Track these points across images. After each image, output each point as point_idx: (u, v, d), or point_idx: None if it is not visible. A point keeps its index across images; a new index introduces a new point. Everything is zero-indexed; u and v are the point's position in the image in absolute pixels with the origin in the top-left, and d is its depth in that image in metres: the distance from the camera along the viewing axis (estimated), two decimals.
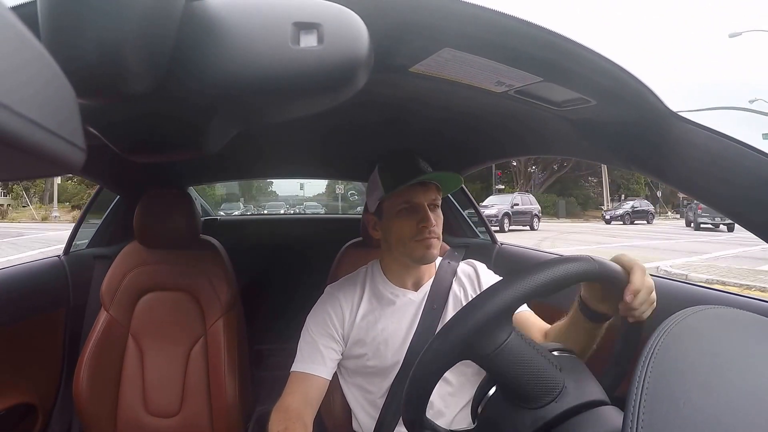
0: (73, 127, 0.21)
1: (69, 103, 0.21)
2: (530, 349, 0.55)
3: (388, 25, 0.55)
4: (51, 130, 0.18)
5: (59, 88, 0.20)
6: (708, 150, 0.68)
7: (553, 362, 0.55)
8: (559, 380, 0.53)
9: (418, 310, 1.06)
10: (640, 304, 0.66)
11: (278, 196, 29.58)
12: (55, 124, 0.19)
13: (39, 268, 1.53)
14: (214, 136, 0.38)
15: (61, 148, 0.20)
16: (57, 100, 0.20)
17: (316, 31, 0.31)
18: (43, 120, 0.18)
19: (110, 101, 0.32)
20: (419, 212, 1.01)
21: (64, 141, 0.20)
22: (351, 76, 0.32)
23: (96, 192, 1.83)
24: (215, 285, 1.38)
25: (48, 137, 0.18)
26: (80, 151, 0.22)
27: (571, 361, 0.58)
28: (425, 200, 1.01)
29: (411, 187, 1.00)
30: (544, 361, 0.54)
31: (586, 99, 0.73)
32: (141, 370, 1.34)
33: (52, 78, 0.20)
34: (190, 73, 0.32)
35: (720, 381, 0.37)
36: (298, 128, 1.25)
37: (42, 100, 0.18)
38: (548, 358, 0.55)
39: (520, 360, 0.53)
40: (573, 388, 0.53)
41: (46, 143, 0.18)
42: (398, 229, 1.02)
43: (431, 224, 0.99)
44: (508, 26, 0.56)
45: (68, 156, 0.20)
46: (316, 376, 1.01)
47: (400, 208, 1.02)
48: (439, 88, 0.77)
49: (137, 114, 0.35)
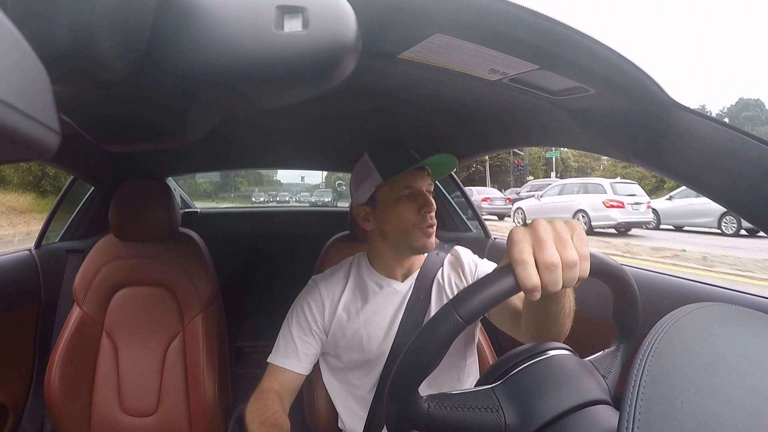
0: (46, 109, 0.19)
1: (42, 84, 0.19)
2: (454, 412, 0.52)
3: (377, 10, 0.53)
4: (23, 111, 0.17)
5: (32, 69, 0.19)
6: (711, 141, 0.67)
7: (485, 407, 0.52)
8: (498, 421, 0.51)
9: (403, 301, 1.04)
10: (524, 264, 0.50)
11: (282, 184, 32.88)
12: (28, 106, 0.17)
13: (8, 263, 1.48)
14: (194, 125, 0.36)
15: (34, 130, 0.18)
16: (29, 80, 0.18)
17: (301, 15, 0.29)
18: (14, 101, 0.17)
19: (84, 88, 0.31)
20: (420, 198, 0.98)
21: (38, 123, 0.18)
22: (337, 63, 0.30)
23: (69, 183, 1.77)
24: (194, 280, 1.35)
25: (20, 118, 0.17)
26: (55, 135, 0.20)
27: (512, 383, 0.54)
28: (424, 186, 0.99)
29: (410, 172, 0.98)
30: (474, 415, 0.52)
31: (585, 88, 0.71)
32: (116, 368, 1.30)
33: (23, 58, 0.18)
34: (168, 59, 0.30)
35: (719, 380, 0.36)
36: (282, 117, 1.22)
37: (13, 81, 0.17)
38: (479, 407, 0.52)
39: (450, 426, 0.52)
40: (516, 421, 0.51)
41: (18, 125, 0.17)
42: (399, 217, 0.98)
43: (433, 209, 0.98)
44: (504, 11, 0.54)
45: (42, 139, 0.19)
46: (289, 371, 1.00)
47: (401, 195, 0.98)
48: (430, 75, 0.75)
49: (113, 102, 0.33)
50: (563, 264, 0.51)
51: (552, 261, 0.50)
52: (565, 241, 0.52)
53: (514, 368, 0.54)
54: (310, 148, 1.78)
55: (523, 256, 0.50)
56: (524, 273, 0.50)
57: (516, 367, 0.54)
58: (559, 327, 0.72)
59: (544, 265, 0.50)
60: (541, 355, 0.55)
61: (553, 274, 0.50)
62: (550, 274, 0.50)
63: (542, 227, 0.52)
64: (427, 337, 0.50)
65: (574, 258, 0.51)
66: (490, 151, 1.50)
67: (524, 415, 0.50)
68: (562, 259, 0.51)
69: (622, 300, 0.61)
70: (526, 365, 0.54)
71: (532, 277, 0.49)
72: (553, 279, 0.50)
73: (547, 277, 0.50)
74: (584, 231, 0.55)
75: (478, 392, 0.54)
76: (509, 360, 0.56)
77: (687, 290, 1.00)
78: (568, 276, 0.51)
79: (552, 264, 0.50)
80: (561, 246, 0.51)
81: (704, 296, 0.94)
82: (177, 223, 1.39)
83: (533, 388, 0.52)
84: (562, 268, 0.51)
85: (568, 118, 0.86)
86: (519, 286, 0.50)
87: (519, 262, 0.50)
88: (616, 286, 0.59)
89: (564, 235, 0.52)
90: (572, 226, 0.54)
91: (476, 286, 0.50)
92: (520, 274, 0.50)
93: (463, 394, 0.54)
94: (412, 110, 1.13)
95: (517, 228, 0.54)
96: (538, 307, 0.69)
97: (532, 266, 0.50)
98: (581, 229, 0.55)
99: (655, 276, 1.11)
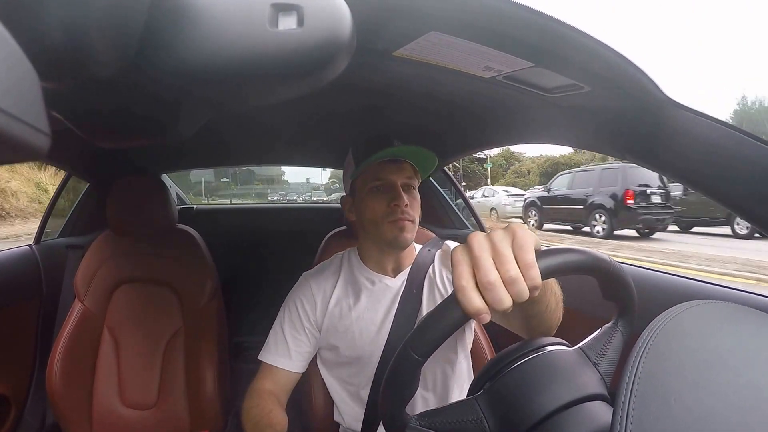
0: (35, 111, 0.19)
1: (31, 85, 0.19)
2: (441, 428, 0.54)
3: (372, 7, 0.53)
4: (11, 114, 0.17)
5: (19, 69, 0.18)
6: (708, 139, 0.67)
7: (468, 419, 0.53)
8: None
9: (395, 297, 1.03)
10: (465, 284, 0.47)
11: (290, 184, 34.83)
12: (15, 107, 0.17)
13: (9, 258, 1.50)
14: (186, 121, 0.36)
15: (24, 132, 0.18)
16: (17, 81, 0.18)
17: (296, 13, 0.29)
18: (1, 103, 0.16)
19: (75, 84, 0.30)
20: (391, 191, 0.97)
21: (27, 125, 0.18)
22: (331, 61, 0.30)
23: (64, 179, 1.76)
24: (193, 275, 1.36)
25: (8, 121, 0.17)
26: (44, 137, 0.20)
27: (494, 392, 0.54)
28: (398, 179, 0.98)
29: (383, 163, 0.98)
30: (458, 429, 0.53)
31: (580, 85, 0.71)
32: (117, 362, 1.32)
33: (10, 57, 0.18)
34: (161, 55, 0.30)
35: (712, 377, 0.36)
36: (274, 113, 1.21)
37: (1, 82, 0.17)
38: (462, 420, 0.53)
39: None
40: (500, 429, 0.51)
41: (6, 128, 0.17)
42: (369, 208, 0.99)
43: (402, 203, 0.96)
44: (499, 9, 0.54)
45: (32, 142, 0.19)
46: (283, 370, 1.00)
47: (372, 186, 0.99)
48: (424, 73, 0.74)
49: (105, 98, 0.33)
50: (504, 280, 0.46)
51: (488, 280, 0.45)
52: (502, 255, 0.47)
53: (498, 374, 0.54)
54: (303, 144, 1.77)
55: (461, 282, 0.47)
56: (464, 299, 0.46)
57: (499, 374, 0.54)
58: (547, 323, 0.71)
59: (482, 286, 0.46)
60: (527, 355, 0.55)
61: (494, 293, 0.45)
62: (490, 294, 0.45)
63: (477, 243, 0.48)
64: (391, 376, 0.53)
65: (513, 272, 0.46)
66: (482, 147, 1.50)
67: (509, 422, 0.51)
68: (501, 275, 0.46)
69: (605, 279, 0.57)
70: (508, 370, 0.54)
71: (473, 301, 0.45)
72: (496, 298, 0.45)
73: (490, 297, 0.45)
74: (529, 232, 0.50)
75: (462, 405, 0.55)
76: (492, 367, 0.56)
77: (683, 288, 1.00)
78: (514, 291, 0.46)
79: (488, 283, 0.45)
80: (498, 261, 0.47)
81: (700, 294, 0.94)
82: (174, 219, 1.40)
83: (516, 394, 0.52)
84: (504, 284, 0.46)
85: (563, 116, 0.86)
86: (465, 314, 0.47)
87: (458, 288, 0.47)
88: (593, 271, 0.55)
89: (500, 247, 0.47)
90: (512, 232, 0.49)
91: (427, 323, 0.50)
92: (461, 301, 0.46)
93: (448, 409, 0.55)
94: (406, 107, 1.13)
95: (456, 248, 0.50)
96: (520, 310, 0.68)
97: (472, 290, 0.46)
98: (523, 233, 0.49)
99: (652, 274, 1.11)
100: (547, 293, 0.68)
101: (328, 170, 19.51)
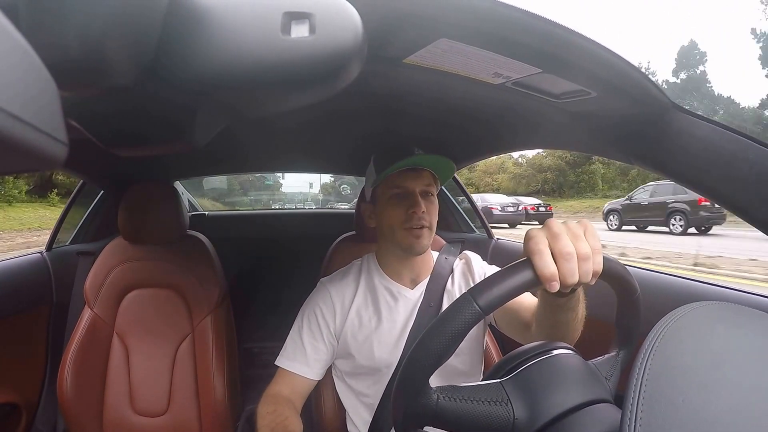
0: (54, 121, 0.19)
1: (50, 95, 0.20)
2: (463, 404, 0.53)
3: (383, 15, 0.54)
4: (31, 124, 0.17)
5: (39, 80, 0.19)
6: (711, 143, 0.67)
7: (494, 400, 0.52)
8: (507, 415, 0.51)
9: (413, 309, 1.03)
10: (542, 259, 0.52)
11: (286, 194, 35.40)
12: (35, 117, 0.18)
13: (20, 265, 1.50)
14: (201, 129, 0.36)
15: (42, 142, 0.18)
16: (37, 92, 0.18)
17: (308, 21, 0.29)
18: (22, 113, 0.17)
19: (93, 94, 0.31)
20: (410, 198, 0.99)
21: (45, 135, 0.19)
22: (343, 68, 0.30)
23: (78, 187, 1.79)
24: (202, 282, 1.36)
25: (28, 131, 0.17)
26: (62, 146, 0.20)
27: (520, 379, 0.54)
28: (417, 187, 1.00)
29: (403, 172, 0.99)
30: (483, 408, 0.52)
31: (587, 91, 0.71)
32: (127, 369, 1.32)
33: (31, 69, 0.18)
34: (177, 64, 0.30)
35: (719, 379, 0.36)
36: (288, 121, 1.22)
37: (21, 93, 0.17)
38: (488, 400, 0.53)
39: (459, 418, 0.52)
40: (524, 415, 0.51)
41: (26, 137, 0.17)
42: (389, 216, 1.01)
43: (419, 210, 0.98)
44: (508, 16, 0.55)
45: (50, 151, 0.19)
46: (300, 376, 1.00)
47: (392, 194, 1.00)
48: (434, 79, 0.75)
49: (121, 107, 0.34)
50: (578, 255, 0.52)
51: (567, 250, 0.52)
52: (578, 236, 0.54)
53: (522, 365, 0.55)
54: (315, 151, 1.78)
55: (539, 247, 0.52)
56: (541, 262, 0.51)
57: (524, 364, 0.55)
58: (571, 334, 0.72)
59: (560, 255, 0.52)
60: (547, 353, 0.56)
61: (570, 263, 0.52)
62: (566, 263, 0.51)
63: (555, 224, 0.55)
64: (445, 323, 0.50)
65: (587, 250, 0.53)
66: (493, 153, 1.50)
67: (532, 409, 0.51)
68: (576, 250, 0.52)
69: (626, 305, 0.62)
70: (534, 362, 0.55)
71: (549, 265, 0.51)
72: (570, 268, 0.52)
73: (564, 267, 0.51)
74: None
75: (487, 385, 0.54)
76: (517, 357, 0.56)
77: (687, 289, 1.00)
78: (583, 268, 0.52)
79: (568, 253, 0.52)
80: (575, 239, 0.53)
81: (704, 295, 0.94)
82: (185, 225, 1.40)
83: (541, 384, 0.53)
84: (577, 259, 0.52)
85: (570, 121, 0.86)
86: (537, 277, 0.51)
87: (535, 252, 0.52)
88: (622, 291, 0.60)
89: (576, 231, 0.54)
90: (584, 224, 0.56)
91: (495, 277, 0.51)
92: (537, 263, 0.51)
93: (473, 387, 0.54)
94: (417, 113, 1.14)
95: (532, 228, 0.56)
96: (553, 316, 0.70)
97: (549, 255, 0.52)
98: (593, 227, 0.56)
99: (655, 276, 1.11)
100: (580, 303, 0.70)
101: (317, 184, 19.76)
